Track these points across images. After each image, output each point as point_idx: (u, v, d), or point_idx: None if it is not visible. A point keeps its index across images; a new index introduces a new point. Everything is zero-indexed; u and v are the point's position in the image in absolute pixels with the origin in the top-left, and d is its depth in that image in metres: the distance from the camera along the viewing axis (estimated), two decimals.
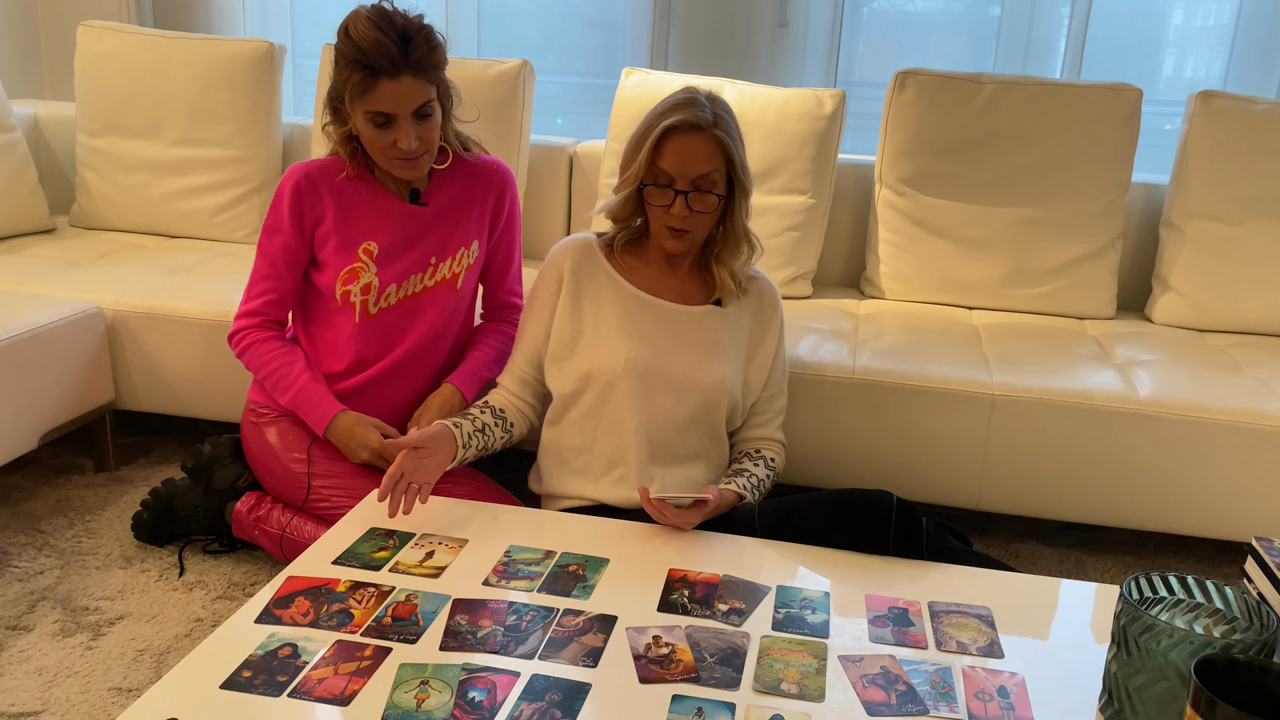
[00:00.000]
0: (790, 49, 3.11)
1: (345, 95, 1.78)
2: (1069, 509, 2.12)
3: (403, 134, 1.77)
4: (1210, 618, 1.17)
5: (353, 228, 1.89)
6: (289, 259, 1.90)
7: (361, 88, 1.75)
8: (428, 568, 1.45)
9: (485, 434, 1.78)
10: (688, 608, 1.38)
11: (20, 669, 1.69)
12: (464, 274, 1.97)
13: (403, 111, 1.76)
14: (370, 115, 1.77)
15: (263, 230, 1.92)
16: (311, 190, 1.88)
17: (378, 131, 1.78)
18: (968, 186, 2.56)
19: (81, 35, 2.87)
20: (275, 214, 1.89)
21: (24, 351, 2.11)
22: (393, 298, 1.92)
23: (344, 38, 1.75)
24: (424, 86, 1.77)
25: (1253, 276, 2.47)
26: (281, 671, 1.20)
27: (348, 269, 1.89)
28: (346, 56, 1.74)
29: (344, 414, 1.88)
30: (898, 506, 1.55)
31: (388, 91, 1.74)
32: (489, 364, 2.01)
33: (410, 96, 1.75)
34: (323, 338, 1.94)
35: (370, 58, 1.72)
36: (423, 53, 1.74)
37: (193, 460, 2.03)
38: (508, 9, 3.33)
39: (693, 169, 1.68)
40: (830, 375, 2.13)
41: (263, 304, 1.92)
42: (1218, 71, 3.02)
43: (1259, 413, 2.01)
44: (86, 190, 2.90)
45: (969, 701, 1.21)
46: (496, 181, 2.00)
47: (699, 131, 1.68)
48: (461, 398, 1.96)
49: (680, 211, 1.70)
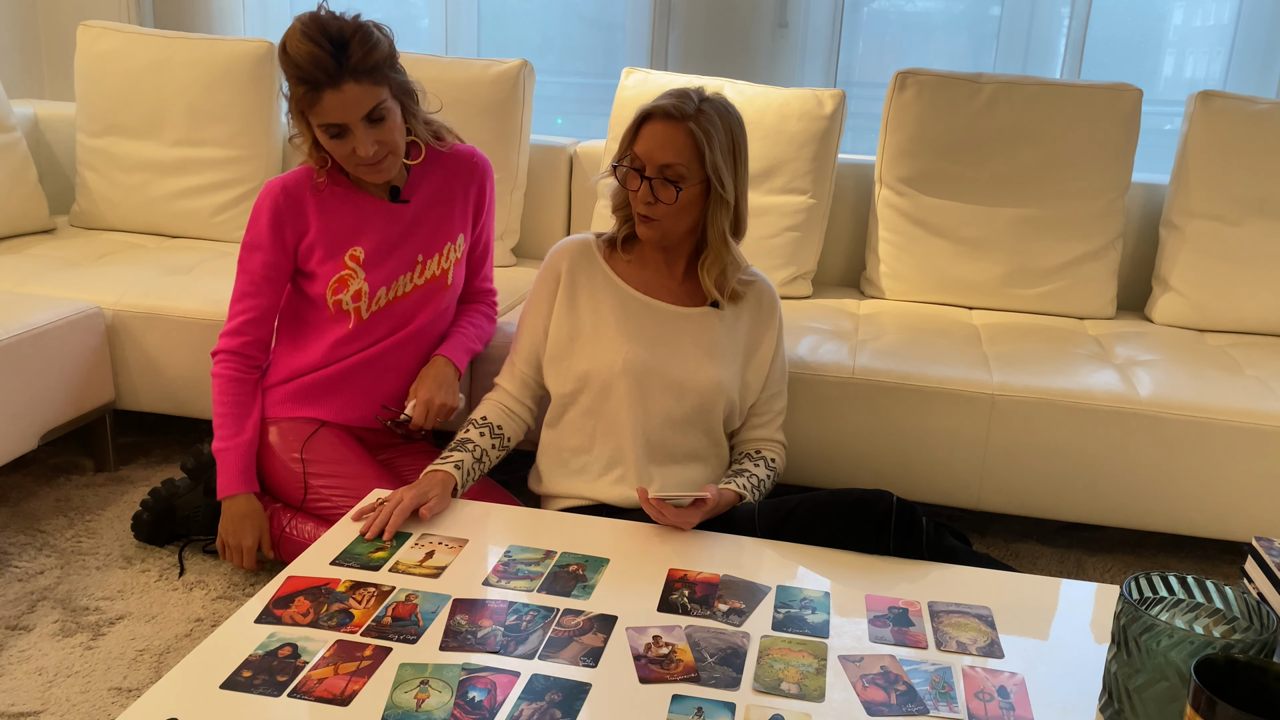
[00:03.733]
0: (790, 49, 3.11)
1: (297, 111, 1.76)
2: (1069, 509, 2.12)
3: (359, 141, 1.74)
4: (1210, 618, 1.17)
5: (337, 235, 1.88)
6: (269, 275, 1.88)
7: (308, 101, 1.72)
8: (428, 568, 1.45)
9: (483, 462, 1.78)
10: (688, 608, 1.38)
11: (20, 669, 1.69)
12: (453, 269, 1.98)
13: (352, 119, 1.72)
14: (324, 127, 1.74)
15: (242, 246, 1.89)
16: (291, 205, 1.85)
17: (335, 142, 1.76)
18: (968, 186, 2.56)
19: (81, 35, 2.87)
20: (254, 230, 1.87)
21: (24, 351, 2.11)
22: (383, 300, 1.92)
23: (282, 54, 1.71)
24: (370, 90, 1.72)
25: (1253, 276, 2.47)
26: (281, 671, 1.20)
27: (336, 277, 1.88)
28: (288, 73, 1.72)
29: (247, 497, 1.87)
30: (898, 506, 1.55)
31: (332, 102, 1.70)
32: (474, 338, 2.04)
33: (356, 103, 1.71)
34: (316, 341, 1.94)
35: (307, 72, 1.68)
36: (359, 56, 1.69)
37: (192, 460, 2.03)
38: (508, 9, 3.33)
39: (659, 156, 1.68)
40: (830, 375, 2.13)
41: (243, 322, 1.89)
42: (1218, 71, 3.02)
43: (1259, 413, 2.01)
44: (86, 190, 2.90)
45: (969, 701, 1.21)
46: (478, 173, 2.00)
47: (673, 121, 1.68)
48: (455, 369, 1.97)
49: (644, 197, 1.70)
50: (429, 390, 1.92)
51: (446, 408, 1.93)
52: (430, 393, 1.92)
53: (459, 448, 1.76)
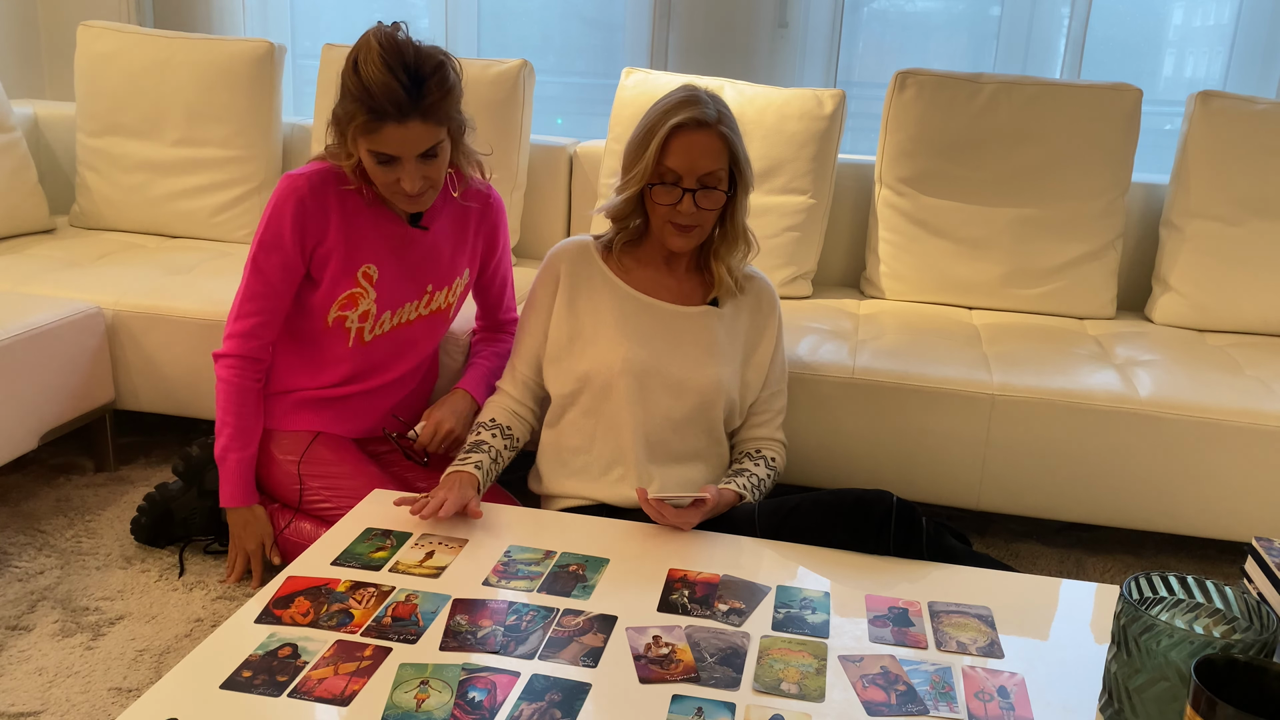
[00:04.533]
0: (790, 49, 3.11)
1: (349, 130, 1.67)
2: (1069, 509, 2.12)
3: (407, 175, 1.68)
4: (1210, 618, 1.17)
5: (354, 249, 1.82)
6: (286, 278, 1.81)
7: (366, 128, 1.64)
8: (428, 568, 1.45)
9: (498, 463, 1.79)
10: (688, 608, 1.38)
11: (20, 669, 1.69)
12: (456, 302, 1.98)
13: (408, 155, 1.66)
14: (374, 153, 1.68)
15: (258, 244, 1.79)
16: (317, 206, 1.77)
17: (381, 169, 1.69)
18: (968, 186, 2.56)
19: (81, 35, 2.87)
20: (275, 229, 1.77)
21: (24, 351, 2.11)
22: (387, 325, 1.90)
23: (351, 74, 1.63)
24: (433, 130, 1.66)
25: (1253, 276, 2.47)
26: (281, 671, 1.20)
27: (346, 294, 1.84)
28: (353, 94, 1.63)
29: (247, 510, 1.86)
30: (898, 506, 1.55)
31: (394, 135, 1.64)
32: (496, 371, 1.99)
33: (417, 141, 1.65)
34: (307, 355, 1.91)
35: (377, 101, 1.60)
36: (435, 99, 1.63)
37: (183, 464, 2.02)
38: (508, 9, 3.33)
39: (701, 166, 1.68)
40: (830, 375, 2.13)
41: (254, 325, 1.82)
42: (1218, 71, 3.02)
43: (1259, 413, 2.01)
44: (86, 190, 2.90)
45: (969, 701, 1.21)
46: (491, 211, 1.97)
47: (705, 128, 1.68)
48: (473, 403, 1.96)
49: (688, 209, 1.69)
50: (442, 415, 1.90)
51: (454, 436, 1.91)
52: (443, 418, 1.90)
53: (475, 449, 1.76)
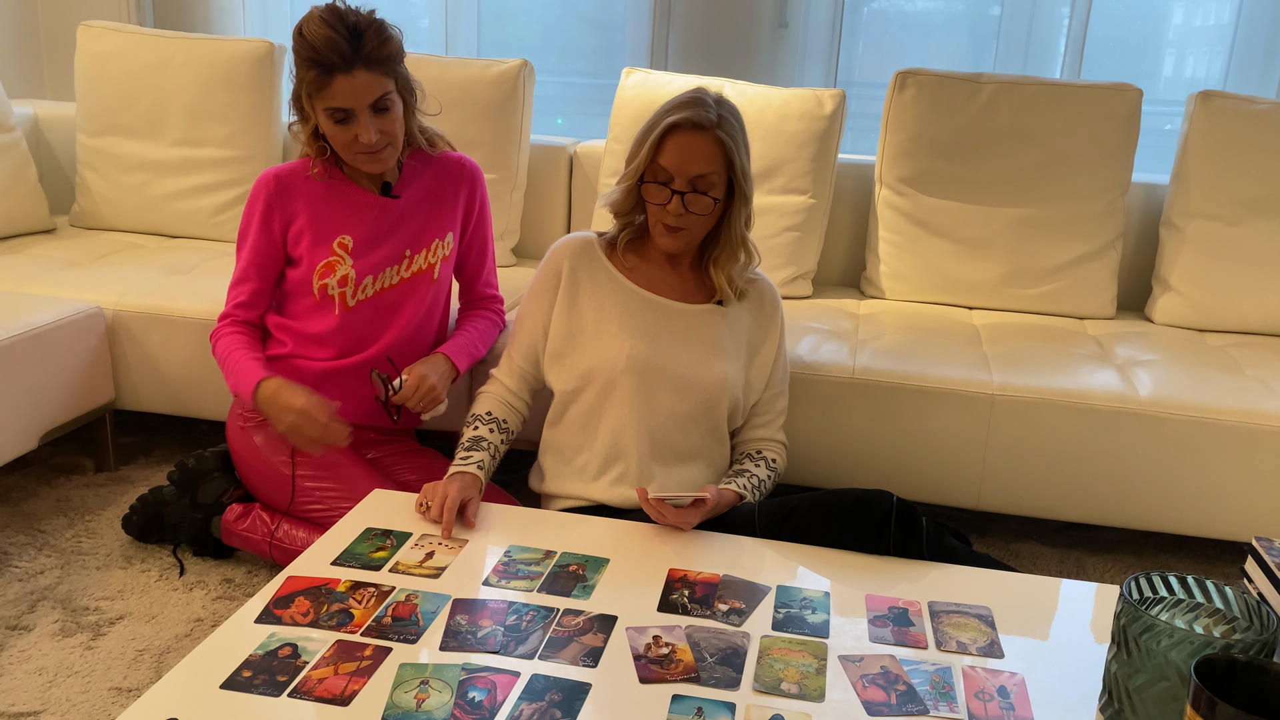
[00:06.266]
0: (790, 49, 3.11)
1: (304, 94, 1.82)
2: (1069, 509, 2.12)
3: (362, 128, 1.80)
4: (1210, 618, 1.17)
5: (325, 223, 1.92)
6: (258, 261, 1.93)
7: (317, 84, 1.78)
8: (428, 568, 1.45)
9: (496, 459, 1.79)
10: (688, 608, 1.38)
11: (20, 669, 1.69)
12: (440, 264, 2.00)
13: (360, 105, 1.79)
14: (330, 112, 1.80)
15: (239, 233, 1.97)
16: (281, 192, 1.92)
17: (339, 128, 1.82)
18: (968, 186, 2.56)
19: (81, 35, 2.87)
20: (246, 219, 1.94)
21: (24, 351, 2.11)
22: (369, 290, 1.94)
23: (298, 38, 1.78)
24: (379, 79, 1.79)
25: (1253, 276, 2.47)
26: (281, 671, 1.20)
27: (324, 263, 1.92)
28: (301, 56, 1.79)
29: (268, 380, 1.84)
30: (898, 506, 1.55)
31: (343, 86, 1.77)
32: (477, 342, 2.05)
33: (365, 90, 1.78)
34: (305, 332, 1.95)
35: (323, 55, 1.75)
36: (374, 45, 1.77)
37: (178, 474, 2.03)
38: (508, 9, 3.33)
39: (691, 168, 1.68)
40: (830, 375, 2.13)
41: (233, 307, 1.95)
42: (1218, 71, 3.02)
43: (1259, 413, 2.01)
44: (86, 190, 2.90)
45: (969, 701, 1.21)
46: (467, 177, 2.04)
47: (701, 131, 1.68)
48: (452, 367, 1.97)
49: (676, 210, 1.70)
50: (426, 371, 1.91)
51: (435, 394, 1.91)
52: (427, 373, 1.91)
53: (475, 447, 1.76)
